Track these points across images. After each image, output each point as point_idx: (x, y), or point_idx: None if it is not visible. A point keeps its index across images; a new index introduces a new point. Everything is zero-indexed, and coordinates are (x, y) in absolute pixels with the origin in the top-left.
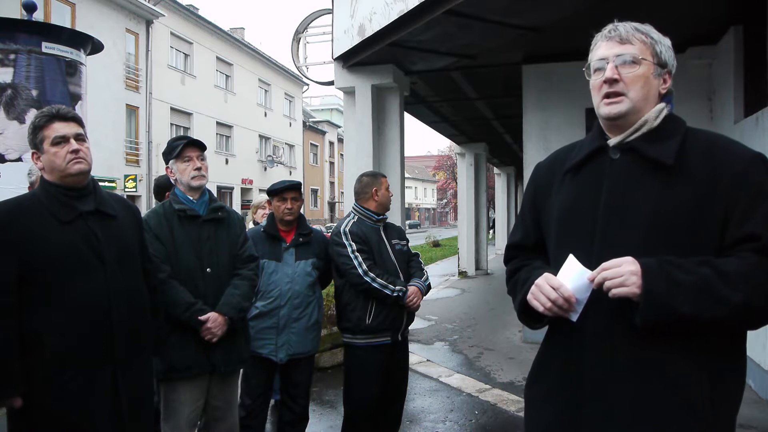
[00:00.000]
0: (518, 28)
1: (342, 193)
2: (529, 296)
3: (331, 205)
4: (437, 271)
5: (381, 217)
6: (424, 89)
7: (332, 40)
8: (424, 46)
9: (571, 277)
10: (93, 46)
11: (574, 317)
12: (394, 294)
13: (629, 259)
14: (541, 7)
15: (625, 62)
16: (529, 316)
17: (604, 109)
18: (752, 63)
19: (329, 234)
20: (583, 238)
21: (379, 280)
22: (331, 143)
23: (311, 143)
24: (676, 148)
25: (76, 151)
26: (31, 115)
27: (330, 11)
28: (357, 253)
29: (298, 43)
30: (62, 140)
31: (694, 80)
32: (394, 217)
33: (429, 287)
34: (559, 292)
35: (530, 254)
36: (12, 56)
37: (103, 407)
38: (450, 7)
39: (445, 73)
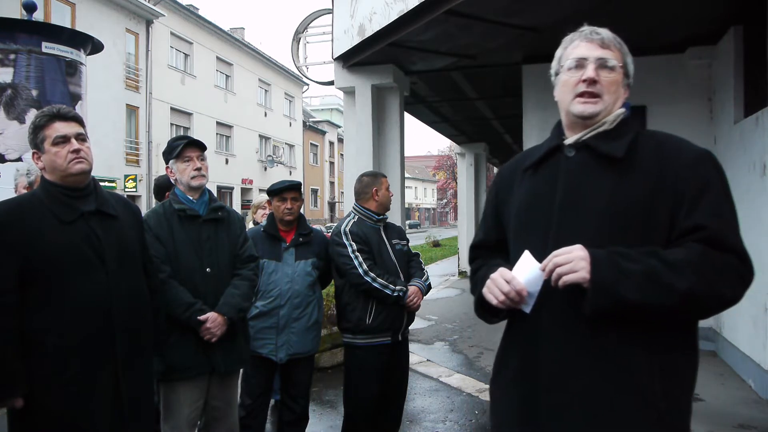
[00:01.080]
0: (518, 28)
1: (342, 193)
2: (485, 290)
3: (331, 205)
4: (437, 271)
5: (381, 217)
6: (424, 89)
7: (332, 40)
8: (424, 46)
9: (524, 271)
10: (93, 46)
11: (527, 309)
12: (395, 294)
13: (578, 246)
14: (541, 7)
15: (604, 66)
16: (485, 310)
17: (578, 107)
18: (752, 63)
19: (329, 234)
20: (539, 232)
21: (379, 280)
22: (331, 143)
23: (311, 143)
24: (627, 144)
25: (77, 151)
26: (31, 115)
27: (330, 11)
28: (357, 253)
29: (298, 43)
30: (63, 140)
31: (694, 80)
32: (394, 217)
33: (429, 287)
34: (512, 285)
35: (492, 253)
36: (12, 56)
37: (104, 407)
38: (450, 7)
39: (445, 73)
